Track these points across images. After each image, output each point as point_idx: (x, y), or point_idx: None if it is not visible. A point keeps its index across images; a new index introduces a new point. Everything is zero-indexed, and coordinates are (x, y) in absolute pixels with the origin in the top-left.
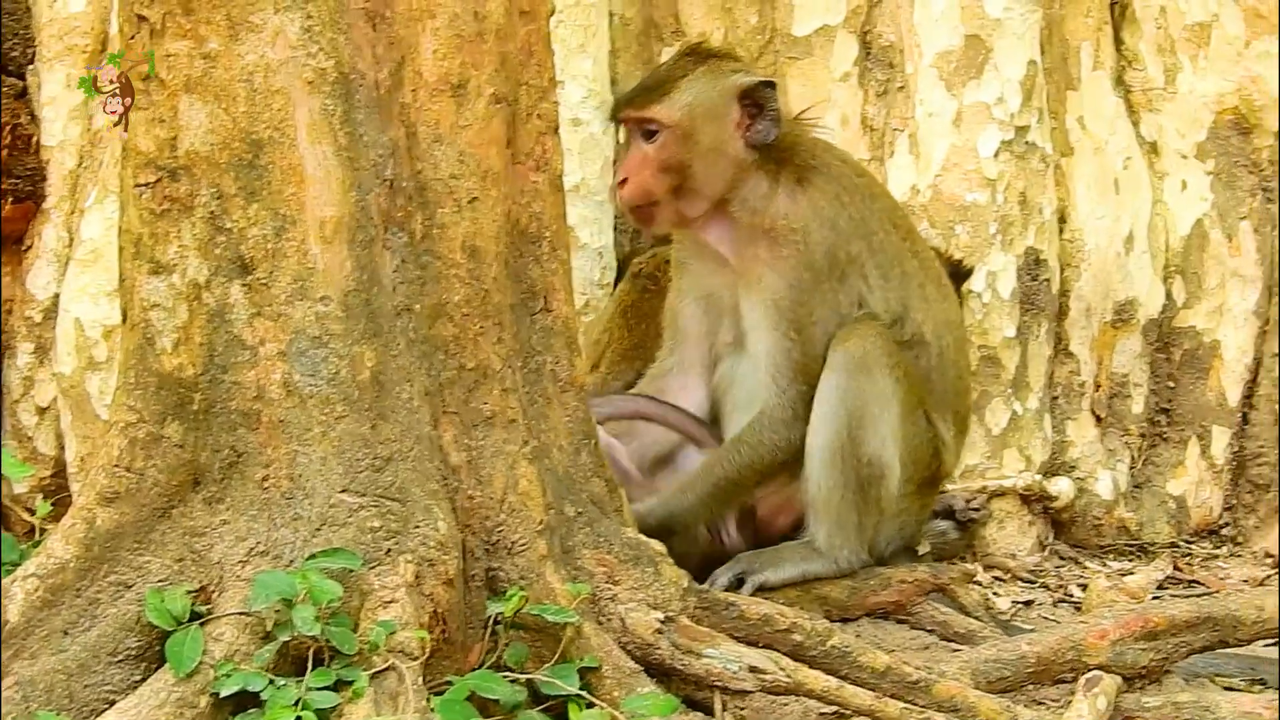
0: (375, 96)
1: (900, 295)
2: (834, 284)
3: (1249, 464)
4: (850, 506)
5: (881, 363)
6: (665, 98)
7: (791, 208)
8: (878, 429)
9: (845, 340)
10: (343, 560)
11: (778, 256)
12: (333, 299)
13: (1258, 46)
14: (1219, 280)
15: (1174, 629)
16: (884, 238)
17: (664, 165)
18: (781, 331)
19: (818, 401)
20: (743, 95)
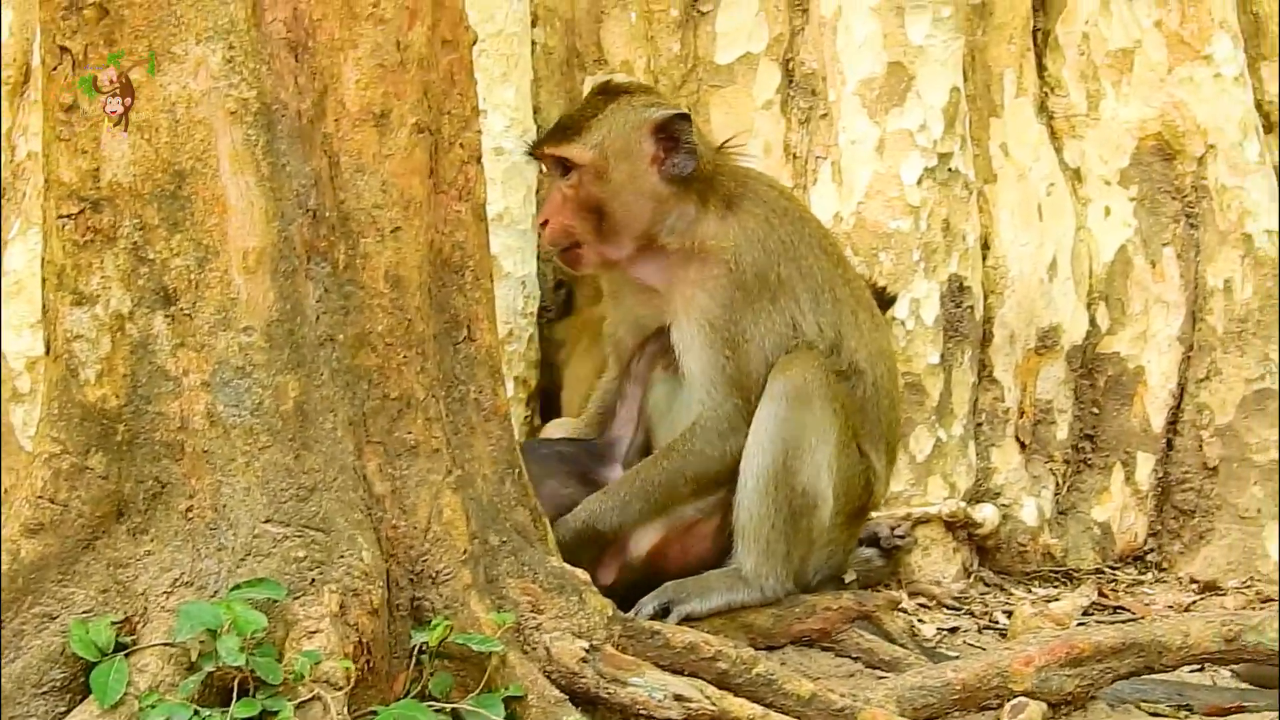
0: (298, 126)
1: (833, 322)
2: (766, 304)
3: (1173, 490)
4: (780, 536)
5: (821, 394)
6: (578, 137)
7: (720, 229)
8: (813, 459)
9: (786, 369)
10: (267, 591)
11: (708, 276)
12: (256, 329)
13: (1180, 72)
14: (1143, 306)
15: (1099, 655)
16: (814, 262)
17: (581, 204)
18: (716, 349)
19: (754, 429)
20: (656, 129)
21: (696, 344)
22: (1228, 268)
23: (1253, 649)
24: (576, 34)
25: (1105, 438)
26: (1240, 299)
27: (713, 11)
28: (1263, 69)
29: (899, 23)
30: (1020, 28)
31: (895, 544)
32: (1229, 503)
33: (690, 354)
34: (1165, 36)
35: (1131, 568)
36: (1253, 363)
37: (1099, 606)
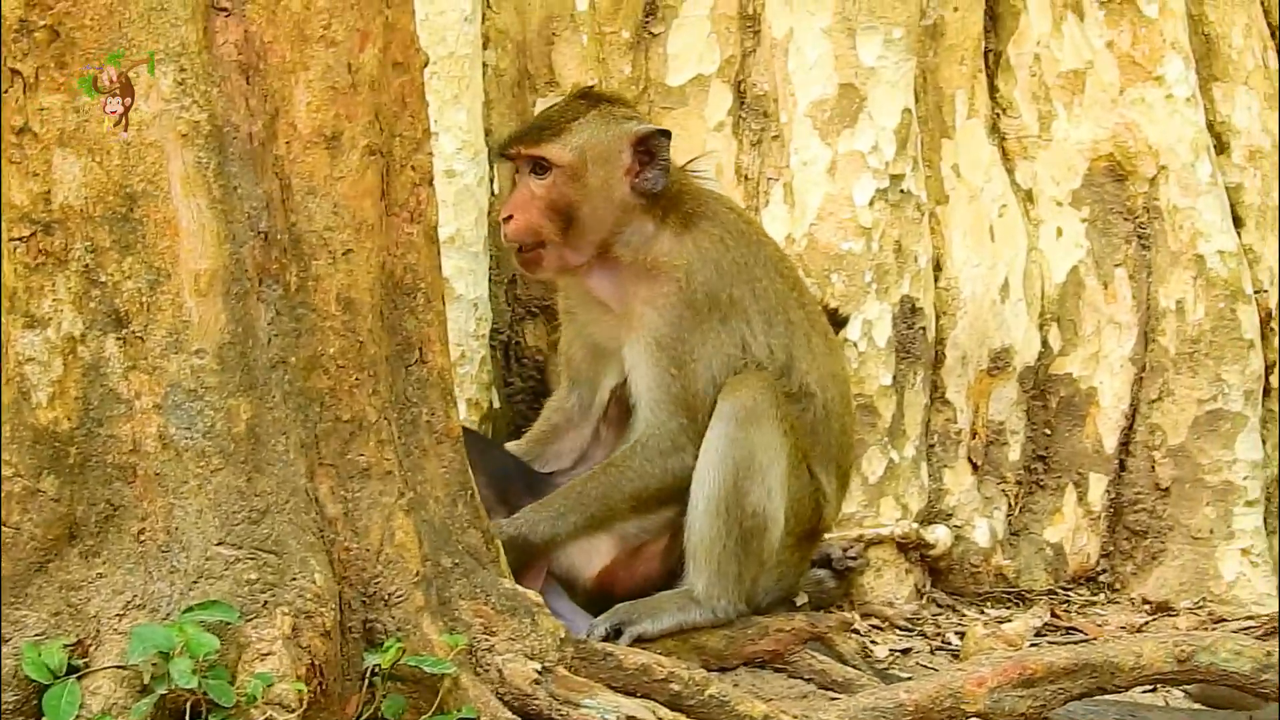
0: (249, 149)
1: (785, 344)
2: (715, 324)
3: (1126, 510)
4: (731, 557)
5: (770, 415)
6: (558, 137)
7: (674, 246)
8: (764, 481)
9: (735, 390)
10: (220, 613)
11: (658, 294)
12: (208, 352)
13: (1132, 93)
14: (1095, 327)
15: (1052, 676)
16: (768, 285)
17: (552, 204)
18: (662, 367)
19: (704, 450)
20: (637, 142)
21: (643, 362)
22: (1180, 288)
23: (1205, 670)
24: (528, 56)
25: (1058, 459)
26: (1192, 320)
27: (664, 33)
28: (1214, 90)
29: (850, 44)
30: (972, 49)
31: (848, 565)
32: (1181, 523)
33: (637, 372)
34: (1117, 57)
35: (1084, 588)
36: (1205, 383)
37: (1051, 627)
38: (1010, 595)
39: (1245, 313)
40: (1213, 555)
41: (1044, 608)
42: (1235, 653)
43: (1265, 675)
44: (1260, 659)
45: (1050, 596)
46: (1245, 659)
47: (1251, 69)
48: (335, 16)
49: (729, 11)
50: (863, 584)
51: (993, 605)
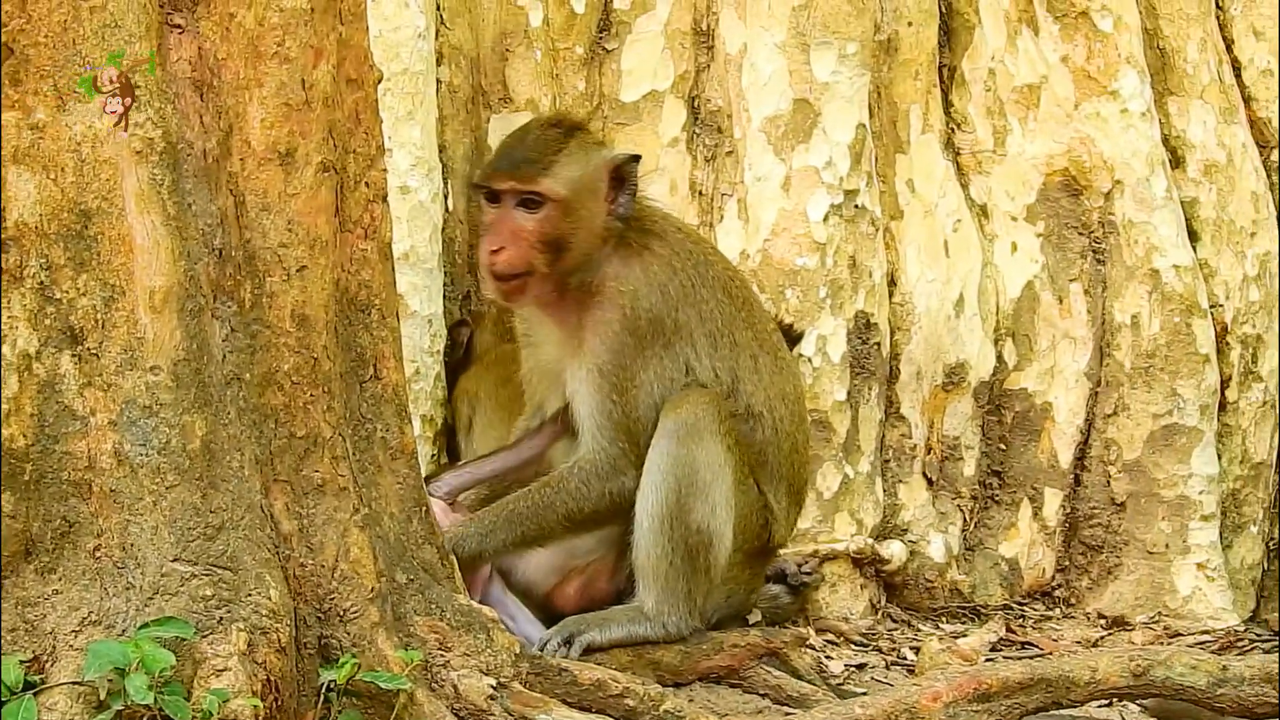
0: (203, 165)
1: (730, 366)
2: (658, 350)
3: (1081, 525)
4: (679, 573)
5: (713, 430)
6: (549, 171)
7: (622, 271)
8: (708, 497)
9: (676, 407)
10: (175, 629)
11: (602, 320)
12: (162, 368)
13: (1087, 108)
14: (1050, 342)
15: (1007, 690)
16: (714, 307)
17: (544, 238)
18: (604, 394)
19: (647, 469)
20: (613, 170)
21: (585, 388)
22: (1135, 303)
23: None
24: (482, 72)
25: (1013, 474)
26: (1148, 334)
27: (618, 49)
28: (1170, 104)
29: (804, 59)
30: (926, 64)
31: (802, 581)
32: (1137, 538)
33: (579, 398)
34: (1072, 72)
35: (1039, 603)
36: (1160, 398)
37: (1007, 642)
38: (965, 610)
39: (1200, 327)
40: (1168, 570)
41: (999, 623)
42: (1191, 667)
43: (1221, 689)
44: (1215, 673)
45: (1005, 611)
46: (1201, 673)
47: (1207, 83)
48: (289, 33)
49: (683, 27)
50: (818, 599)
51: (948, 620)
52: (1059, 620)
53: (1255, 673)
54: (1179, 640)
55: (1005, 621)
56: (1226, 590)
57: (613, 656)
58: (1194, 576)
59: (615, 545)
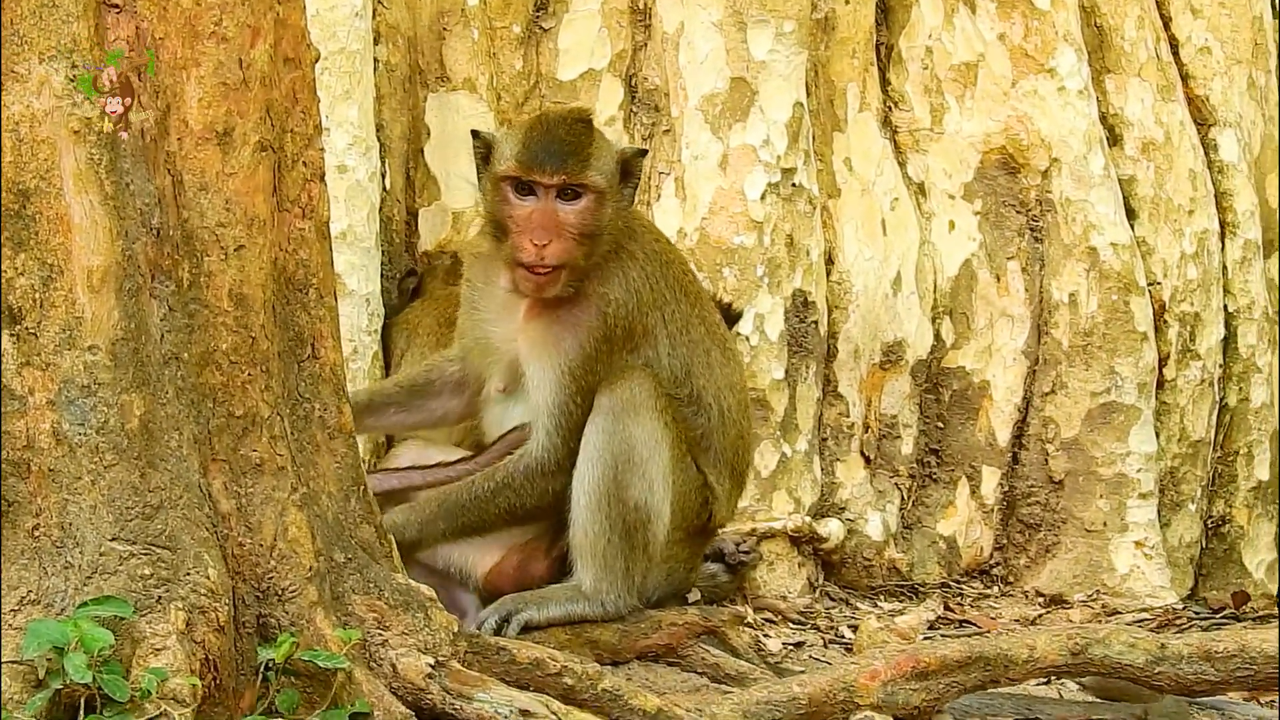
0: (141, 145)
1: (684, 362)
2: (624, 355)
3: (1019, 503)
4: (616, 551)
5: (649, 406)
6: (589, 163)
7: (603, 274)
8: (645, 473)
9: (612, 384)
10: (114, 608)
11: (579, 322)
12: (101, 348)
13: (1025, 85)
14: (987, 320)
15: (945, 669)
16: (676, 308)
17: (584, 229)
18: (568, 393)
19: (584, 445)
20: (624, 164)
21: (548, 383)
22: (1072, 281)
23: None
24: (419, 51)
25: (950, 452)
26: (1086, 312)
27: (555, 28)
28: (1107, 82)
29: (741, 38)
30: (863, 42)
31: (740, 559)
32: (1075, 516)
33: (541, 391)
34: (1009, 50)
35: (977, 581)
36: (1098, 376)
37: (945, 620)
38: (903, 589)
39: (1138, 305)
40: (1106, 548)
41: (937, 601)
42: (1129, 645)
43: (1159, 667)
44: (1154, 651)
45: (943, 590)
46: (1139, 651)
47: (1144, 61)
48: (226, 12)
49: (620, 6)
50: (756, 578)
51: (886, 599)
52: (997, 598)
53: (1193, 650)
54: (1117, 618)
55: (943, 600)
56: (1164, 568)
57: (551, 635)
58: (1132, 554)
59: (552, 524)
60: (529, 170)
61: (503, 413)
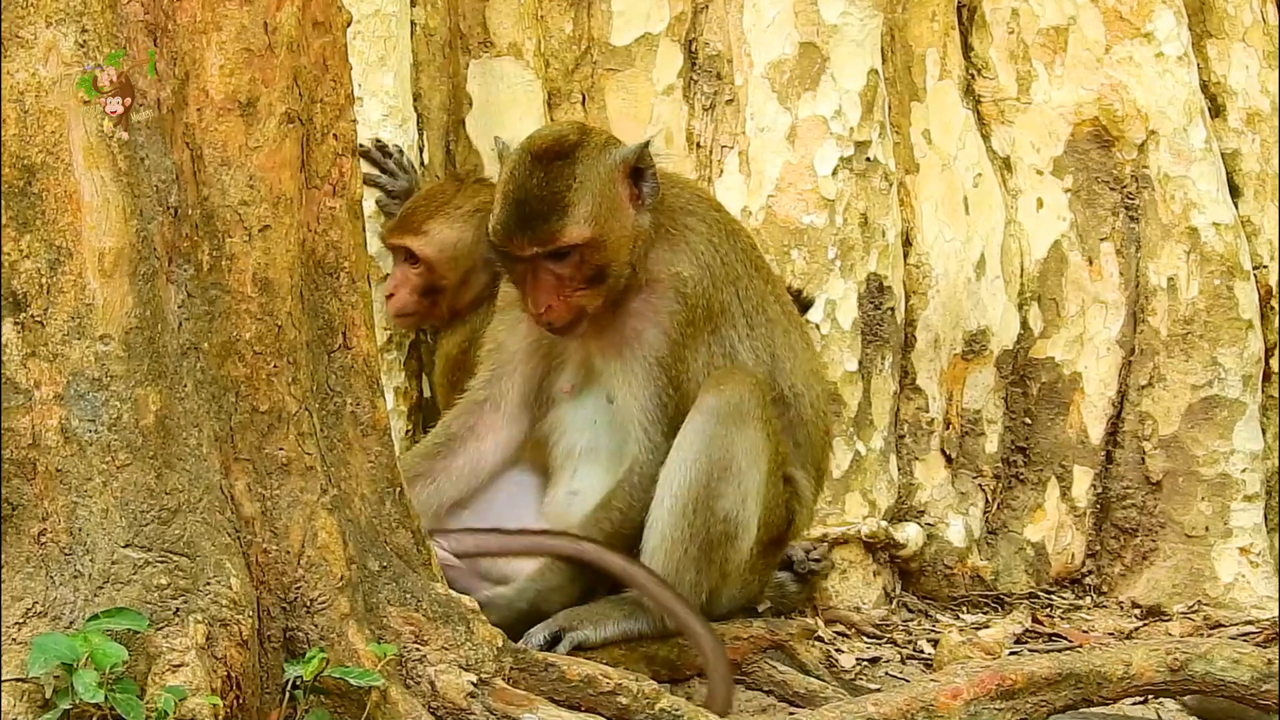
0: (157, 117)
1: (768, 345)
2: (706, 336)
3: (1113, 506)
4: (691, 563)
5: (756, 415)
6: (567, 216)
7: (669, 256)
8: (740, 485)
9: (720, 385)
10: (127, 621)
11: (657, 310)
12: (113, 337)
13: (1119, 51)
14: (1079, 307)
15: (1033, 687)
16: (748, 284)
17: (585, 278)
18: (660, 386)
19: (680, 444)
20: (628, 171)
21: (639, 380)
22: (1171, 264)
23: (1200, 679)
24: (460, 14)
25: (1039, 450)
26: (1185, 298)
27: None
28: (1209, 47)
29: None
30: (944, 4)
31: (811, 568)
32: (1174, 520)
33: (629, 391)
34: (1102, 12)
35: (1068, 591)
36: (1199, 368)
37: (1033, 634)
38: (988, 599)
39: (1243, 290)
40: (1208, 555)
41: (1024, 612)
42: (1233, 661)
43: (1265, 685)
44: (1260, 667)
45: (1031, 600)
46: (1244, 667)
47: (1249, 25)
48: None
49: None
50: (827, 587)
51: (968, 610)
52: (1089, 610)
53: None
54: (1220, 632)
55: (1031, 611)
56: (1272, 577)
57: (604, 650)
58: (1236, 562)
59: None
60: (504, 243)
61: (569, 413)
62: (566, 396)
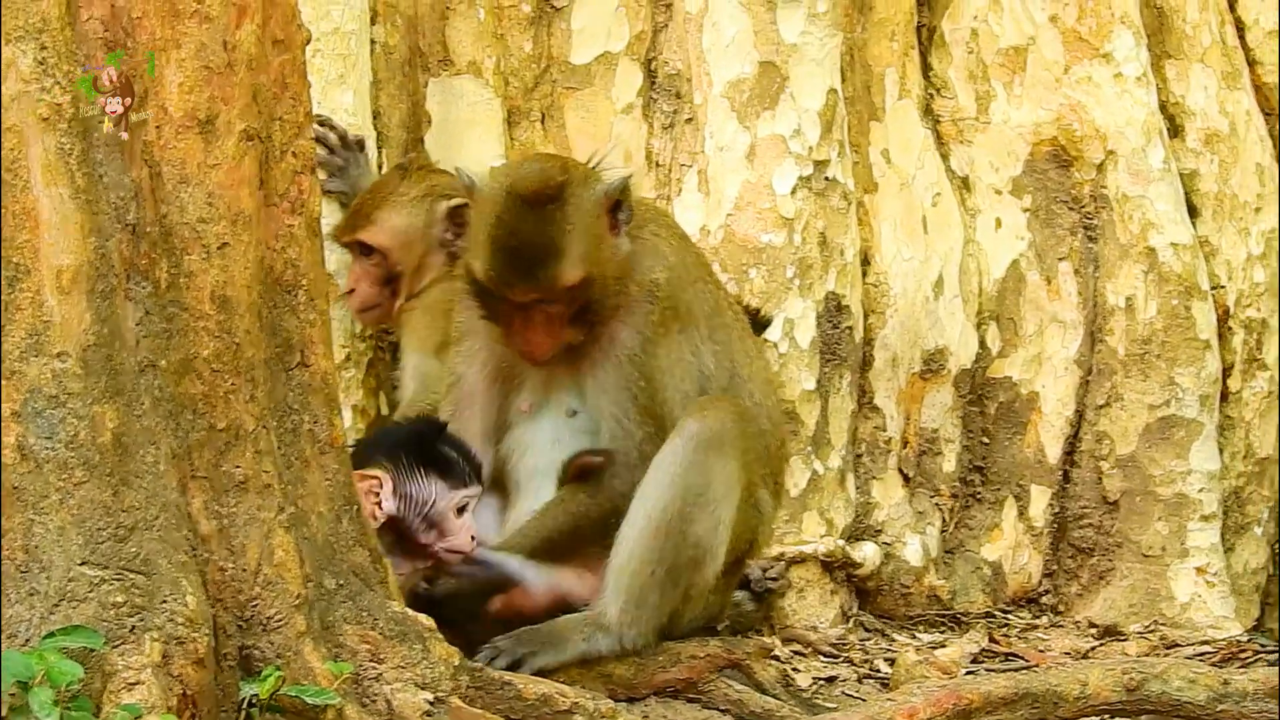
0: (116, 134)
1: (727, 350)
2: (674, 334)
3: (1070, 526)
4: (656, 585)
5: (736, 445)
6: (565, 262)
7: (634, 260)
8: (714, 512)
9: (704, 411)
10: (83, 639)
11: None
12: (71, 355)
13: (1078, 72)
14: (1037, 327)
15: (990, 706)
16: (704, 288)
17: (575, 315)
18: (632, 381)
19: (655, 466)
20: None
21: (611, 380)
22: (1129, 284)
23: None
24: (420, 32)
25: (996, 470)
26: (1143, 318)
27: (568, 7)
28: (1168, 68)
29: (771, 19)
30: (903, 23)
31: (768, 587)
32: (1131, 540)
33: (602, 392)
34: (1061, 33)
35: (1025, 611)
36: (1157, 387)
37: (989, 653)
38: (944, 618)
39: (1200, 310)
40: (1165, 574)
41: (981, 632)
42: (1189, 680)
43: (1222, 705)
44: (1217, 687)
45: (988, 620)
46: (1200, 687)
47: (1208, 45)
48: None
49: None
50: (784, 606)
51: (925, 629)
52: (1046, 629)
53: (1259, 687)
54: (1176, 651)
55: (988, 631)
56: (1228, 597)
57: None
58: (1193, 582)
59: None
60: (499, 288)
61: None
62: (525, 416)
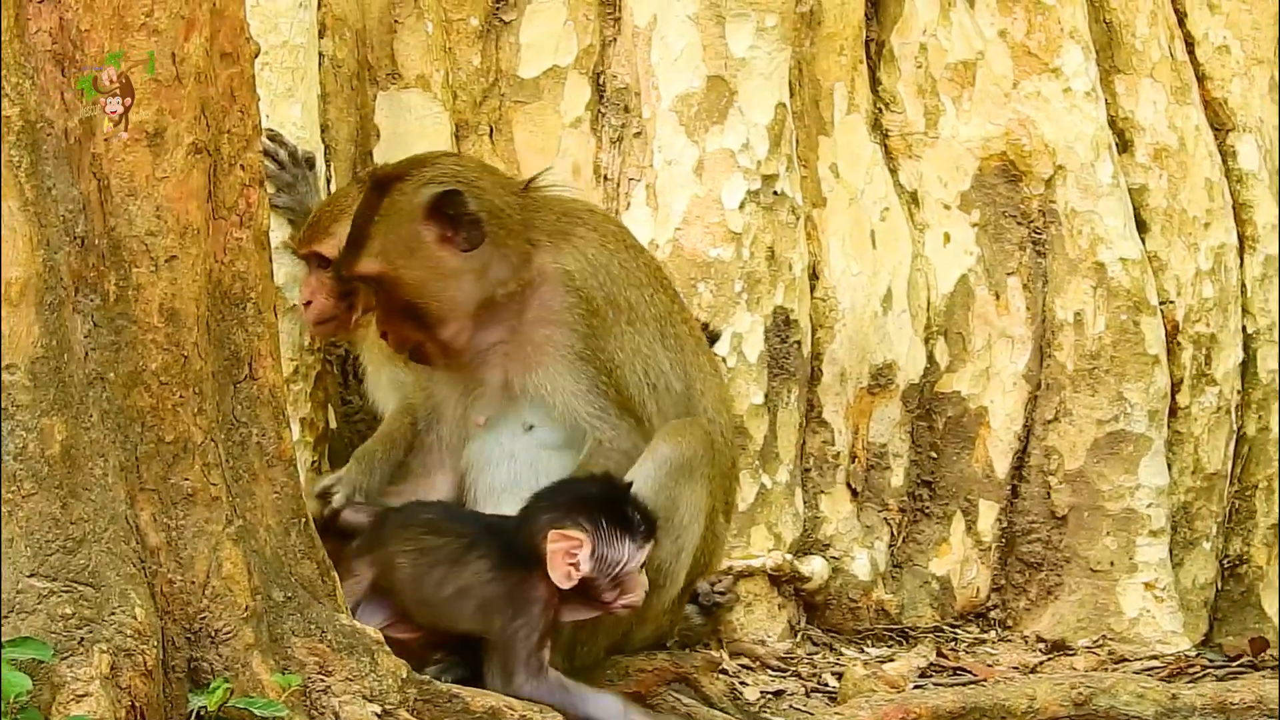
0: (65, 146)
1: (681, 360)
2: (624, 326)
3: (1019, 541)
4: None
5: (704, 472)
6: (363, 246)
7: (556, 258)
8: (679, 539)
9: (677, 437)
10: (32, 650)
11: (555, 309)
12: (19, 367)
13: (1027, 86)
14: (985, 341)
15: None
16: (654, 294)
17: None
18: (590, 377)
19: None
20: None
21: (567, 379)
22: (1078, 299)
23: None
24: (368, 45)
25: (944, 484)
26: (1092, 333)
27: (516, 21)
28: (1117, 83)
29: (719, 33)
30: (852, 38)
31: (716, 601)
32: (1079, 554)
33: (561, 393)
34: (1010, 48)
35: (973, 625)
36: (1105, 403)
37: (938, 668)
38: (892, 633)
39: (1149, 325)
40: (1113, 589)
41: (929, 646)
42: (1137, 695)
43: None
44: (1164, 702)
45: (936, 634)
46: (1148, 702)
47: (1157, 60)
48: (158, 3)
49: None
50: (732, 620)
51: (873, 643)
52: (994, 644)
53: (1207, 701)
54: (1124, 666)
55: (936, 645)
56: (1176, 612)
57: None
58: (1141, 597)
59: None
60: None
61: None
62: (481, 430)
